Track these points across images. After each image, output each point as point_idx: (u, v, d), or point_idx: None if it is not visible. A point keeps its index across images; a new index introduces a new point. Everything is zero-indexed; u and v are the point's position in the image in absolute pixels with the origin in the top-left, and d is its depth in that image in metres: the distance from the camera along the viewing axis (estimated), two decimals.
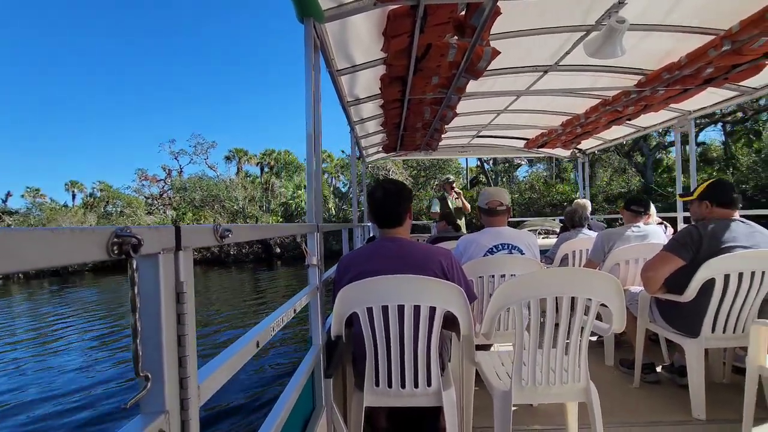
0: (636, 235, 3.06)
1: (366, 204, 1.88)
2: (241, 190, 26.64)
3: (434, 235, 4.21)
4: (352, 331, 1.76)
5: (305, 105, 1.74)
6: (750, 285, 2.13)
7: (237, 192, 26.33)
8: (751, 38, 2.40)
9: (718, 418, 2.16)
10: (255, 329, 0.90)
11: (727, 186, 2.29)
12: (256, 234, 0.93)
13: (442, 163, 24.39)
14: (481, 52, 2.48)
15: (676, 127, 4.49)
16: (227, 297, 13.09)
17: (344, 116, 3.80)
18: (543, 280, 1.58)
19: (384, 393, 1.70)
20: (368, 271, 1.64)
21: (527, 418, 2.28)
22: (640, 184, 21.81)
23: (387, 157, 6.57)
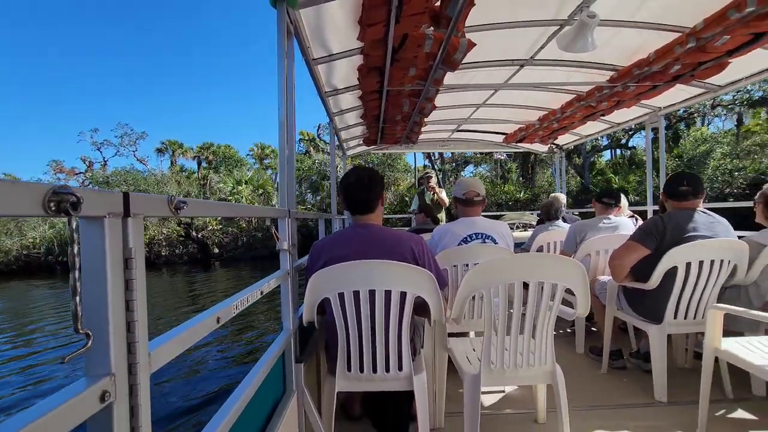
0: (607, 227, 3.16)
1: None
2: (174, 186, 24.99)
3: (413, 227, 4.24)
4: (325, 318, 1.77)
5: (278, 92, 1.73)
6: (709, 273, 2.23)
7: (169, 187, 24.58)
8: (714, 36, 2.49)
9: (679, 400, 2.26)
10: (217, 306, 0.90)
11: (679, 180, 2.38)
12: (214, 211, 0.92)
13: (391, 161, 24.24)
14: (456, 43, 2.50)
15: (647, 123, 4.63)
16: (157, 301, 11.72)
17: (323, 107, 3.78)
18: (511, 266, 1.62)
19: (356, 378, 1.71)
20: (340, 256, 1.64)
21: (499, 403, 2.33)
22: (579, 184, 23.28)
23: (368, 150, 6.57)
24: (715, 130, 23.08)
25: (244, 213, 1.38)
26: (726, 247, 2.19)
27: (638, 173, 20.71)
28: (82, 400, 0.47)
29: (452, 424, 2.09)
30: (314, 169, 25.37)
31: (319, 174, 24.85)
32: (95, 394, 0.49)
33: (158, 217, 0.64)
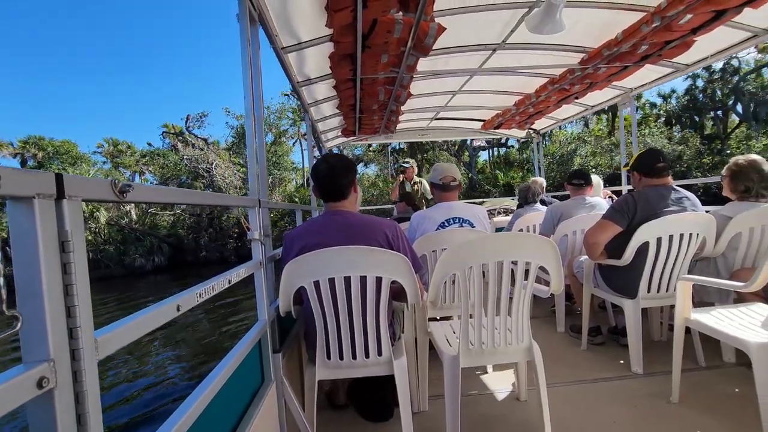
0: (582, 207, 3.21)
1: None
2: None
3: (395, 217, 4.25)
4: (302, 307, 1.76)
5: (243, 81, 1.69)
6: (679, 247, 2.28)
7: None
8: (678, 14, 2.53)
9: (654, 371, 2.33)
10: (179, 294, 0.88)
11: (652, 156, 2.43)
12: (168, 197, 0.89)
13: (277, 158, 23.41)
14: (426, 27, 2.48)
15: (619, 104, 4.71)
16: None
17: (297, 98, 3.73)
18: (484, 246, 1.63)
19: (336, 366, 1.71)
20: (313, 244, 1.63)
21: (481, 384, 2.37)
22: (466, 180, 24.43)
23: (347, 142, 6.52)
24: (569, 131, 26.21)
25: (206, 201, 1.35)
26: (694, 221, 2.25)
27: (517, 171, 22.90)
28: (17, 385, 0.46)
29: (436, 407, 2.11)
30: (183, 167, 21.38)
31: (192, 173, 20.75)
32: (32, 379, 0.47)
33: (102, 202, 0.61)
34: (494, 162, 26.87)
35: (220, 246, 19.61)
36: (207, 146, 22.99)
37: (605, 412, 1.99)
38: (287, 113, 25.27)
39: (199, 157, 21.03)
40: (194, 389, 0.99)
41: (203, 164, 20.65)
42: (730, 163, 2.47)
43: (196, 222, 20.10)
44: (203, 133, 25.47)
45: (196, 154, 21.25)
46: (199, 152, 21.50)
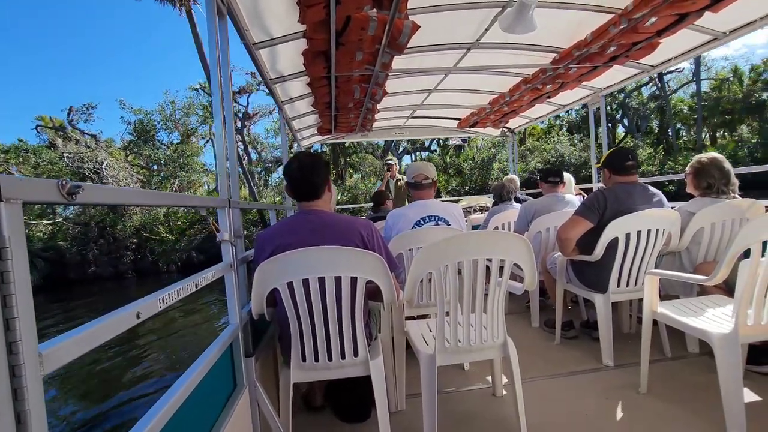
0: (555, 204, 3.27)
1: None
2: None
3: (371, 215, 4.23)
4: (276, 310, 1.72)
5: (211, 78, 1.63)
6: (647, 242, 2.36)
7: None
8: (643, 16, 2.61)
9: (625, 362, 2.40)
10: (139, 300, 0.83)
11: (621, 155, 2.50)
12: (123, 198, 0.84)
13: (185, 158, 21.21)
14: (401, 25, 2.47)
15: (590, 104, 4.84)
16: None
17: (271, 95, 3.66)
18: (460, 244, 1.63)
19: (312, 368, 1.68)
20: (286, 245, 1.59)
21: (458, 381, 2.38)
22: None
23: (324, 140, 6.46)
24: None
25: (170, 202, 1.30)
26: (660, 217, 2.32)
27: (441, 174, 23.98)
28: None
29: (413, 405, 2.11)
30: (63, 166, 18.04)
31: (75, 175, 17.54)
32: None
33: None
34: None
35: (114, 260, 17.11)
36: (96, 143, 20.06)
37: (578, 404, 2.04)
38: (196, 110, 23.12)
39: (84, 155, 18.04)
40: (159, 399, 0.94)
41: (90, 164, 17.65)
42: (693, 161, 2.57)
43: (83, 232, 17.27)
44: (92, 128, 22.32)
45: (81, 151, 18.31)
46: (85, 150, 18.59)
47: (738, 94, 24.81)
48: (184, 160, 20.70)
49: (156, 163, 21.17)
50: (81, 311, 12.10)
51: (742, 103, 24.45)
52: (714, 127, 25.59)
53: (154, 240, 18.05)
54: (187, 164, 20.80)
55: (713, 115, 25.35)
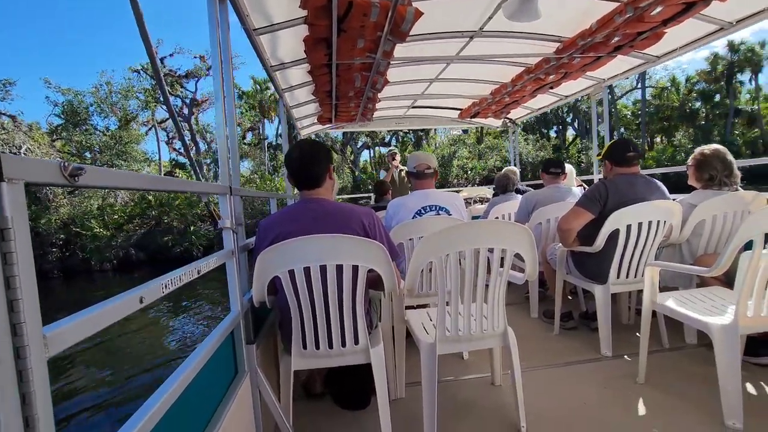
0: (556, 195, 3.27)
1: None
2: None
3: (372, 205, 4.22)
4: (276, 297, 1.72)
5: (212, 64, 1.61)
6: (648, 233, 2.35)
7: None
8: (649, 5, 2.57)
9: (623, 353, 2.42)
10: (144, 285, 0.83)
11: (623, 146, 2.48)
12: (127, 182, 0.82)
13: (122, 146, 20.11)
14: (403, 12, 2.43)
15: (593, 94, 4.80)
16: None
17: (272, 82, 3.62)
18: (461, 234, 1.62)
19: (313, 355, 1.69)
20: (288, 233, 1.59)
21: (457, 369, 2.40)
22: (351, 177, 26.36)
23: (324, 129, 6.42)
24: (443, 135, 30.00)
25: (172, 187, 1.28)
26: (662, 209, 2.32)
27: None
28: None
29: (413, 393, 2.13)
30: None
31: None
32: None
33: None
34: (376, 162, 28.75)
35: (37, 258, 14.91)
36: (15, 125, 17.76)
37: (576, 394, 2.05)
38: (137, 93, 21.31)
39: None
40: (160, 385, 0.94)
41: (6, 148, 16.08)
42: (695, 152, 2.55)
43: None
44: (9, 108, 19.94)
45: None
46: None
47: (675, 102, 27.16)
48: (122, 148, 19.26)
49: (89, 150, 19.39)
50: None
51: (678, 111, 27.05)
52: (653, 133, 27.65)
53: (85, 236, 16.46)
54: (126, 152, 19.41)
55: (652, 122, 27.35)
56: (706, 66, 28.87)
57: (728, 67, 28.02)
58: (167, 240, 16.71)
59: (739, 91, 29.48)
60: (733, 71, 28.19)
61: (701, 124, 27.63)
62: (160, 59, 21.99)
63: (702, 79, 29.01)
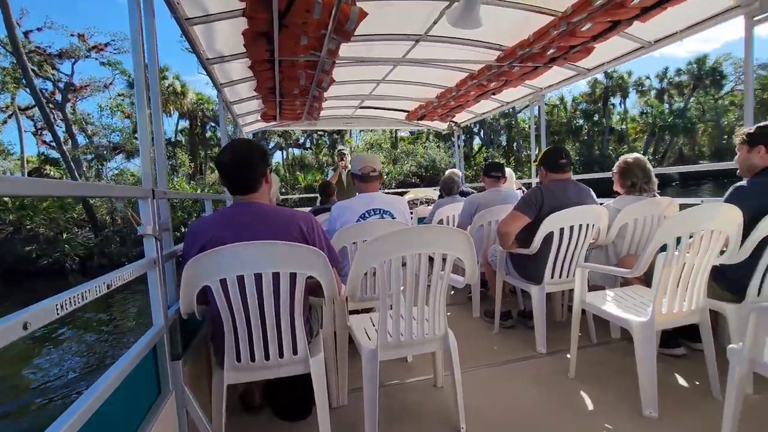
0: (497, 198, 3.38)
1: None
2: None
3: (314, 208, 4.13)
4: (208, 308, 1.61)
5: (132, 52, 1.46)
6: (578, 236, 2.49)
7: None
8: (580, 21, 2.74)
9: (556, 349, 2.54)
10: (27, 308, 0.70)
11: (555, 154, 2.62)
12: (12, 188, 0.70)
13: None
14: (348, 11, 2.39)
15: (531, 102, 5.04)
16: None
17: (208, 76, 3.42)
18: (402, 239, 1.61)
19: (247, 368, 1.60)
20: (220, 239, 1.48)
21: (401, 373, 2.39)
22: None
23: (268, 127, 6.20)
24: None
25: (83, 193, 1.15)
26: (591, 213, 2.47)
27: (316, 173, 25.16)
28: None
29: (356, 400, 2.09)
30: None
31: None
32: None
33: None
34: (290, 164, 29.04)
35: None
36: None
37: (514, 391, 2.13)
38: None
39: None
40: (64, 412, 0.83)
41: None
42: (619, 161, 2.75)
43: None
44: None
45: None
46: None
47: (563, 119, 30.89)
48: None
49: None
50: None
51: (566, 127, 30.87)
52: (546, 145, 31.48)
53: None
54: None
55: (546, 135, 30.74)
56: (587, 89, 33.34)
57: (604, 91, 32.51)
58: (30, 250, 14.12)
59: (612, 112, 34.25)
60: (608, 95, 32.81)
61: (584, 139, 31.49)
62: (24, 33, 18.54)
63: (584, 100, 33.14)
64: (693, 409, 1.86)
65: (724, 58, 32.56)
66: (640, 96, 34.65)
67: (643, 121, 33.94)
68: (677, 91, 34.09)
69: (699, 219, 1.77)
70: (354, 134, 30.05)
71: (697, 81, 32.88)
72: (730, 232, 1.81)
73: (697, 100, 33.96)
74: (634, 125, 33.90)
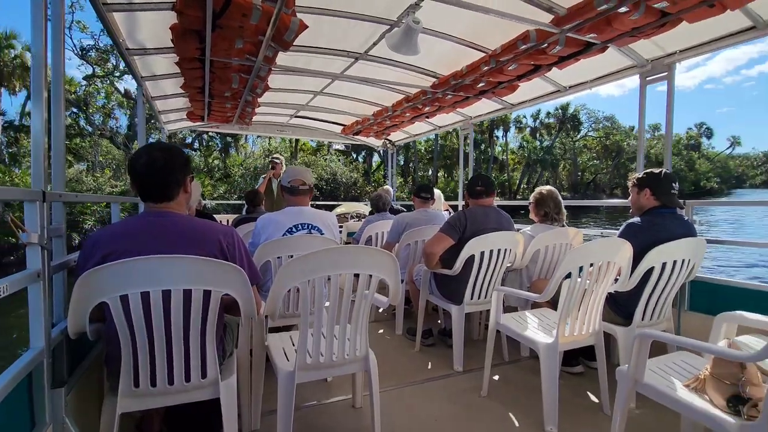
0: (424, 218, 3.49)
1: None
2: None
3: (239, 217, 3.94)
4: (104, 327, 1.43)
5: (31, 30, 1.29)
6: (497, 260, 2.65)
7: None
8: (507, 61, 2.97)
9: (472, 367, 2.64)
10: None
11: (474, 182, 2.80)
12: None
13: None
14: (287, 21, 2.35)
15: (460, 129, 5.33)
16: None
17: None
18: (327, 259, 1.58)
19: (147, 394, 1.43)
20: (123, 251, 1.33)
21: (318, 393, 2.33)
22: None
23: (194, 127, 5.83)
24: None
25: None
26: (508, 239, 2.64)
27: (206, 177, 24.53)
28: None
29: (268, 423, 1.99)
30: None
31: None
32: None
33: None
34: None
35: None
36: None
37: (430, 410, 2.17)
38: None
39: None
40: None
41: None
42: (535, 191, 3.00)
43: None
44: None
45: None
46: None
47: (455, 145, 33.93)
48: None
49: None
50: None
51: (457, 153, 33.46)
52: (437, 168, 34.46)
53: None
54: None
55: (438, 159, 34.03)
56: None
57: (490, 124, 36.87)
58: None
59: (496, 143, 38.93)
60: (493, 127, 37.43)
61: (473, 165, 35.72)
62: None
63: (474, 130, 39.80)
64: (587, 424, 2.03)
65: (580, 107, 40.68)
66: (518, 131, 39.96)
67: (520, 153, 38.86)
68: (546, 131, 40.12)
69: (598, 251, 1.97)
70: (250, 139, 29.34)
71: (561, 124, 39.50)
72: (622, 264, 2.04)
73: (560, 141, 40.08)
74: (513, 156, 38.50)
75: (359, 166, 29.90)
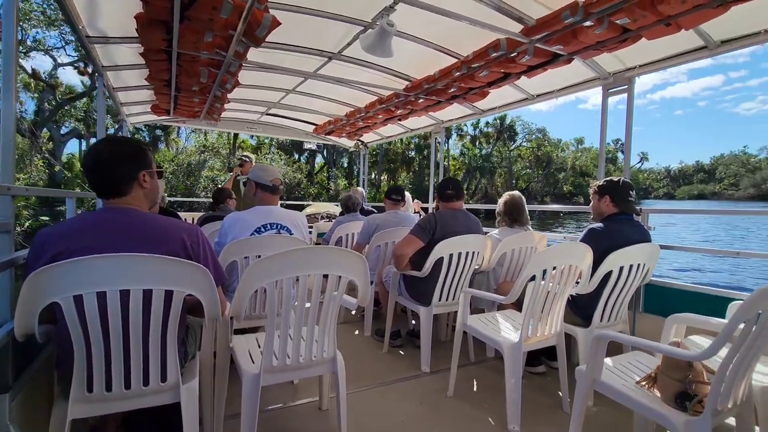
0: (395, 220, 3.50)
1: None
2: None
3: (205, 215, 3.82)
4: (55, 328, 1.35)
5: None
6: (465, 262, 2.69)
7: None
8: (479, 67, 3.03)
9: (439, 368, 2.68)
10: None
11: (443, 185, 2.85)
12: None
13: None
14: (259, 16, 2.30)
15: (432, 132, 5.40)
16: None
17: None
18: (295, 260, 1.56)
19: (101, 399, 1.36)
20: (76, 248, 1.26)
21: (284, 396, 2.29)
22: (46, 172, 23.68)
23: (159, 121, 5.62)
24: None
25: None
26: (476, 241, 2.69)
27: None
28: None
29: (232, 427, 1.94)
30: None
31: None
32: None
33: None
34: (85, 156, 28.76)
35: None
36: None
37: (396, 411, 2.17)
38: None
39: None
40: None
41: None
42: (503, 196, 3.07)
43: None
44: None
45: None
46: None
47: (399, 150, 35.69)
48: None
49: None
50: None
51: (401, 157, 35.83)
52: (381, 172, 35.59)
53: None
54: None
55: (383, 162, 35.19)
56: None
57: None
58: None
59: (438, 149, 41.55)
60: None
61: (416, 169, 35.84)
62: None
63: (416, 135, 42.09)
64: (548, 422, 2.10)
65: (516, 119, 42.78)
66: (459, 138, 41.32)
67: (461, 160, 40.42)
68: (485, 140, 41.83)
69: (560, 255, 2.04)
70: (183, 134, 27.23)
71: (499, 134, 41.45)
72: (583, 267, 2.12)
73: (497, 149, 41.91)
74: (455, 162, 39.78)
75: (302, 167, 29.31)
